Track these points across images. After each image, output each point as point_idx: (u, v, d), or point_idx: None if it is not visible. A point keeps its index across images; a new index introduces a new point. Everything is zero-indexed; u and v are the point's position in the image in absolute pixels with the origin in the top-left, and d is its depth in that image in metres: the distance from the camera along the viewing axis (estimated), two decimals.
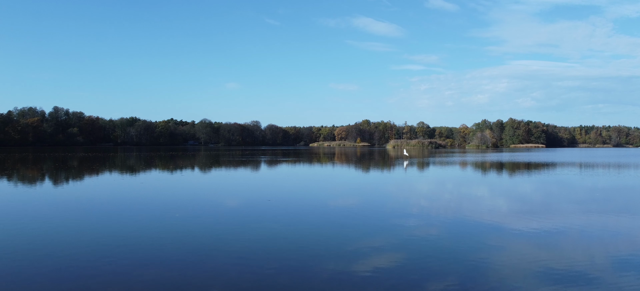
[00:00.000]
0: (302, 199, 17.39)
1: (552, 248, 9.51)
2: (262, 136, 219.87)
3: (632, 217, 13.47)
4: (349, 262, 8.29)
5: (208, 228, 11.50)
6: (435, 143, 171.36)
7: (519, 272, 7.72)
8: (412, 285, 7.09)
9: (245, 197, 17.92)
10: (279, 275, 7.59)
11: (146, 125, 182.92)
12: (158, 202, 16.30)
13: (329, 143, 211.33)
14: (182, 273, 7.64)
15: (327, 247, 9.48)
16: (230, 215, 13.56)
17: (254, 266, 8.07)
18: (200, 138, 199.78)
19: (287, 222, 12.33)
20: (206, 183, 24.88)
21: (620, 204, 16.53)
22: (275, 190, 20.55)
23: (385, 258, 8.56)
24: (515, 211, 14.74)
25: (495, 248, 9.52)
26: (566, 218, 13.16)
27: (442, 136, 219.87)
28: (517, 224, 12.19)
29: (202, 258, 8.56)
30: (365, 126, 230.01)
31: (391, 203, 16.53)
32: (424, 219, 12.93)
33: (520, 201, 17.57)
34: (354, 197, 18.13)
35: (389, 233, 10.96)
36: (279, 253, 8.97)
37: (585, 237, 10.57)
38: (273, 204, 15.70)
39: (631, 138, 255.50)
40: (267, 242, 9.89)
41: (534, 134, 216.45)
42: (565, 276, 7.46)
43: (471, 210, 14.63)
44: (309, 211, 14.38)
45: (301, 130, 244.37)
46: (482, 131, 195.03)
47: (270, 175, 30.94)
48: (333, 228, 11.54)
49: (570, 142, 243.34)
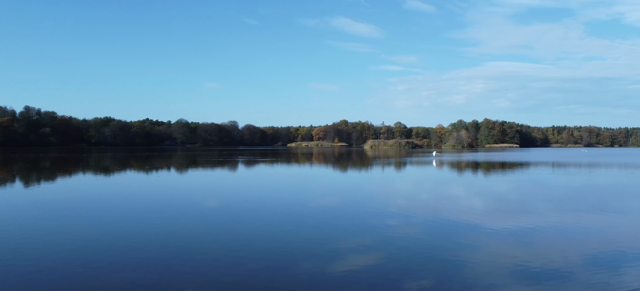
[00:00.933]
0: (279, 199, 17.30)
1: (527, 246, 9.66)
2: (240, 136, 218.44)
3: (603, 215, 13.78)
4: (327, 262, 8.26)
5: (185, 229, 11.34)
6: (412, 143, 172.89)
7: (494, 270, 7.81)
8: (390, 284, 7.10)
9: (222, 198, 17.75)
10: (257, 275, 7.52)
11: (121, 125, 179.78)
12: (134, 203, 16.01)
13: (307, 143, 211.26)
14: (159, 275, 7.50)
15: (305, 247, 9.44)
16: (207, 216, 13.39)
17: (232, 267, 7.97)
18: (177, 138, 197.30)
19: (265, 222, 12.24)
20: (183, 183, 24.58)
21: (592, 202, 16.90)
22: (252, 191, 20.41)
23: (364, 258, 8.56)
24: (491, 210, 14.94)
25: (472, 246, 9.62)
26: (540, 217, 13.39)
27: (419, 136, 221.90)
28: (493, 223, 12.35)
29: (179, 260, 8.42)
30: (343, 126, 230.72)
31: (369, 202, 16.58)
32: (401, 218, 13.00)
33: (496, 200, 17.83)
34: (331, 197, 18.12)
35: (367, 232, 10.98)
36: (257, 253, 8.89)
37: (559, 235, 10.76)
38: (250, 205, 15.58)
39: (601, 138, 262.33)
40: (244, 243, 9.80)
41: (508, 134, 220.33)
42: (540, 274, 7.57)
43: (448, 209, 14.77)
44: (287, 211, 14.31)
45: (279, 130, 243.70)
46: (458, 131, 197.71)
47: (247, 176, 30.75)
48: (311, 228, 11.50)
49: (543, 142, 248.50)
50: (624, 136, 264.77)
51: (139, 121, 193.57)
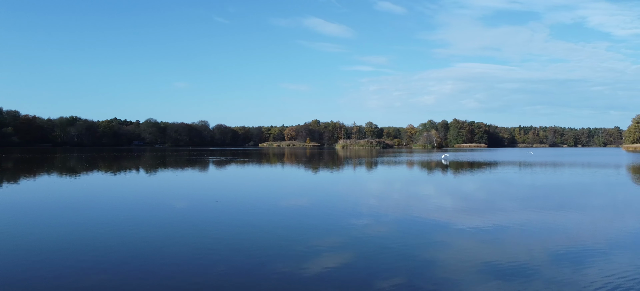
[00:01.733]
0: (251, 200, 17.21)
1: (494, 243, 9.89)
2: (211, 136, 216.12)
3: (566, 213, 14.22)
4: (298, 262, 8.28)
5: (154, 230, 11.17)
6: (383, 143, 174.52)
7: (463, 267, 7.97)
8: (362, 282, 7.17)
9: (192, 198, 17.54)
10: (229, 276, 7.48)
11: (88, 125, 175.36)
12: (102, 205, 15.68)
13: (279, 143, 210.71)
14: (128, 278, 7.38)
15: (278, 247, 9.43)
16: (177, 217, 13.22)
17: (202, 268, 7.90)
18: (146, 139, 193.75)
19: (236, 223, 12.17)
20: (152, 184, 24.18)
21: (556, 201, 17.40)
22: (223, 191, 20.24)
23: (335, 257, 8.61)
24: (460, 208, 15.22)
25: (442, 244, 9.79)
26: (507, 215, 13.73)
27: (390, 136, 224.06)
28: (462, 221, 12.60)
29: (148, 261, 8.30)
30: (315, 126, 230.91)
31: (341, 202, 16.66)
32: (373, 218, 13.12)
33: (465, 199, 18.17)
34: (303, 197, 18.14)
35: (338, 232, 11.04)
36: (229, 254, 8.84)
37: (524, 233, 11.05)
38: (221, 206, 15.45)
39: (565, 138, 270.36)
40: (215, 244, 9.72)
41: (476, 134, 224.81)
42: (507, 270, 7.77)
43: (418, 208, 14.99)
44: (259, 212, 14.26)
45: (251, 130, 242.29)
46: (428, 131, 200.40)
47: (218, 176, 30.47)
48: (283, 228, 11.49)
49: (510, 142, 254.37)
50: (586, 136, 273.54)
51: (106, 121, 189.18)
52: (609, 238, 10.44)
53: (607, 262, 8.36)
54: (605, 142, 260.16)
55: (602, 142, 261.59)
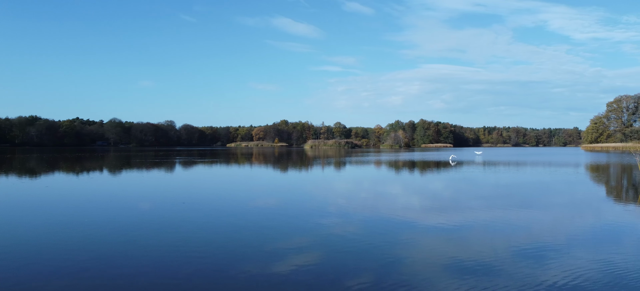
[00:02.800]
0: (218, 200, 17.02)
1: (459, 241, 10.07)
2: (177, 136, 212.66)
3: (529, 211, 14.62)
4: (267, 263, 8.23)
5: (118, 233, 10.90)
6: (352, 143, 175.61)
7: (429, 265, 8.09)
8: (329, 282, 7.18)
9: (158, 200, 17.21)
10: (195, 278, 7.36)
11: (48, 124, 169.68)
12: (63, 207, 15.21)
13: (247, 143, 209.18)
14: (91, 282, 7.17)
15: (245, 248, 9.34)
16: (142, 219, 12.94)
17: (168, 270, 7.76)
18: (110, 139, 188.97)
19: (203, 225, 12.00)
20: (116, 185, 23.59)
21: (518, 199, 17.87)
22: (190, 192, 19.94)
23: (304, 257, 8.60)
24: (427, 207, 15.45)
25: (408, 243, 9.90)
26: (472, 213, 14.01)
27: (358, 136, 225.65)
28: (428, 220, 12.78)
29: (112, 265, 8.09)
30: (283, 126, 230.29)
31: (309, 202, 16.66)
32: (341, 217, 13.16)
33: (431, 198, 18.46)
34: (271, 198, 18.06)
35: (307, 232, 11.03)
36: (195, 256, 8.71)
37: (489, 230, 11.30)
38: (188, 207, 15.22)
39: (528, 138, 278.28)
40: (181, 245, 9.56)
41: (443, 134, 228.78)
42: (471, 267, 7.92)
43: (386, 208, 15.13)
44: (226, 212, 14.11)
45: (218, 130, 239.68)
46: (395, 131, 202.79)
47: (185, 177, 30.00)
48: (250, 229, 11.41)
49: (475, 142, 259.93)
50: (547, 136, 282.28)
51: (68, 121, 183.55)
52: (569, 235, 10.78)
53: (566, 257, 8.62)
54: (565, 142, 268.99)
55: (562, 142, 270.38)
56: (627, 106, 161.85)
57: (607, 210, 15.02)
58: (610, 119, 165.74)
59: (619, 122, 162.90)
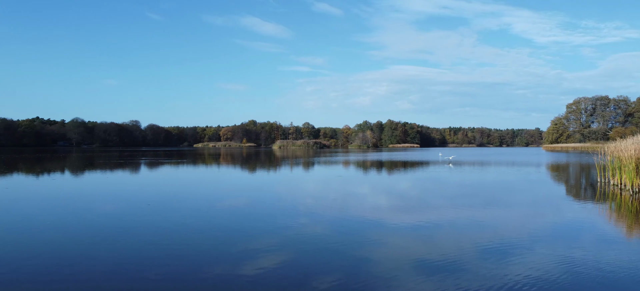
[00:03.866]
0: (185, 202, 16.76)
1: (426, 240, 10.22)
2: (143, 136, 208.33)
3: (493, 209, 14.97)
4: (235, 264, 8.15)
5: (80, 235, 10.60)
6: (320, 143, 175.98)
7: (397, 264, 8.18)
8: (298, 283, 7.17)
9: (122, 201, 16.82)
10: (161, 281, 7.22)
11: (6, 124, 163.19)
12: (23, 209, 14.68)
13: (214, 144, 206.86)
14: (50, 287, 6.94)
15: (212, 250, 9.23)
16: (106, 221, 12.61)
17: (133, 274, 7.59)
18: (72, 139, 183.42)
19: (169, 226, 11.79)
20: (78, 187, 22.92)
21: (483, 198, 18.27)
22: (155, 193, 19.57)
23: (272, 258, 8.56)
24: (395, 207, 15.62)
25: (377, 242, 9.99)
26: (439, 212, 14.25)
27: (326, 137, 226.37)
28: (396, 219, 12.92)
29: (75, 269, 7.85)
30: (251, 126, 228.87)
31: (278, 202, 16.60)
32: (310, 217, 13.17)
33: (399, 197, 18.67)
34: (239, 198, 17.91)
35: (275, 233, 10.99)
36: (161, 258, 8.55)
37: (455, 229, 11.52)
38: (154, 208, 14.93)
39: (492, 138, 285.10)
40: (147, 248, 9.37)
41: (410, 135, 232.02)
42: (438, 265, 8.05)
43: (354, 207, 15.22)
44: (193, 214, 13.91)
45: (185, 130, 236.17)
46: (363, 131, 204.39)
47: (150, 178, 29.42)
48: (218, 230, 11.28)
49: (441, 142, 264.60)
50: (510, 137, 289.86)
51: (27, 120, 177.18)
52: (531, 232, 11.09)
53: (529, 254, 8.87)
54: (527, 142, 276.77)
55: (524, 142, 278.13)
56: (586, 107, 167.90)
57: (566, 208, 15.53)
58: (570, 120, 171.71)
59: (577, 123, 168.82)
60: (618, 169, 21.91)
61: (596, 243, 10.03)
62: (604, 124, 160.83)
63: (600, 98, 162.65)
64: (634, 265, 8.14)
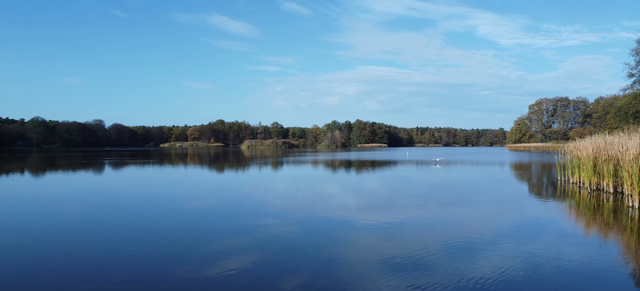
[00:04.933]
0: (150, 203, 16.43)
1: (394, 238, 10.32)
2: (107, 136, 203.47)
3: (459, 208, 15.25)
4: (201, 266, 8.03)
5: (41, 238, 10.23)
6: (289, 143, 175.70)
7: (365, 263, 8.22)
8: (266, 284, 7.12)
9: (85, 203, 16.35)
10: (126, 284, 7.04)
11: None
12: None
13: (181, 144, 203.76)
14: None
15: (179, 251, 9.07)
16: (68, 223, 12.21)
17: (97, 277, 7.38)
18: (32, 139, 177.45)
19: (135, 227, 11.53)
20: (38, 188, 22.16)
21: (450, 197, 18.59)
22: (120, 194, 19.11)
23: (240, 259, 8.48)
24: (363, 206, 15.71)
25: (345, 242, 10.02)
26: (406, 211, 14.41)
27: (295, 136, 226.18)
28: (364, 218, 13.00)
29: (35, 273, 7.57)
30: (219, 126, 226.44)
31: (246, 203, 16.47)
32: (278, 218, 13.11)
33: (367, 196, 18.80)
34: (206, 199, 17.67)
35: (244, 233, 10.89)
36: (126, 261, 8.34)
37: (422, 227, 11.67)
38: (117, 210, 14.58)
39: (457, 138, 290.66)
40: (111, 250, 9.13)
41: (378, 135, 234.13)
42: (405, 263, 8.14)
43: (323, 207, 15.24)
44: (159, 215, 13.65)
45: (151, 130, 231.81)
46: (332, 131, 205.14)
47: (114, 178, 28.71)
48: (185, 231, 11.10)
49: (408, 142, 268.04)
50: (475, 136, 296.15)
51: None
52: (495, 229, 11.35)
53: (493, 250, 9.07)
54: (491, 142, 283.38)
55: (489, 142, 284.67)
56: (547, 108, 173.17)
57: (529, 206, 15.96)
58: (532, 121, 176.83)
59: (539, 123, 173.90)
60: (577, 168, 22.67)
61: (557, 239, 10.35)
62: (564, 124, 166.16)
63: (561, 99, 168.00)
64: (592, 259, 8.44)
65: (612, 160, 18.37)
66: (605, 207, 15.37)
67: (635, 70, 55.41)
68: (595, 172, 20.37)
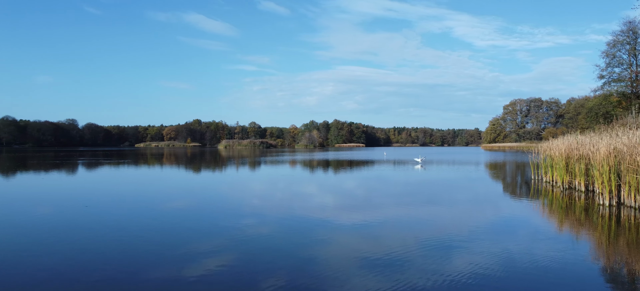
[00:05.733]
0: (125, 204, 16.16)
1: (371, 237, 10.38)
2: (80, 136, 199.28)
3: (435, 207, 15.43)
4: (178, 267, 7.93)
5: (12, 239, 9.98)
6: (266, 143, 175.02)
7: (343, 262, 8.24)
8: (244, 284, 7.07)
9: (58, 204, 15.99)
10: (101, 285, 6.91)
11: None
12: None
13: (157, 144, 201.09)
14: None
15: (156, 252, 8.94)
16: (39, 224, 11.91)
17: (69, 279, 7.22)
18: (2, 138, 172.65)
19: (109, 229, 11.32)
20: (6, 188, 21.58)
21: (426, 196, 18.78)
22: (94, 195, 18.75)
23: (218, 260, 8.40)
24: (341, 206, 15.75)
25: (323, 241, 10.03)
26: (384, 210, 14.50)
27: (273, 136, 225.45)
28: (342, 218, 13.04)
29: (6, 275, 7.37)
30: (196, 125, 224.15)
31: (223, 203, 16.35)
32: (256, 218, 13.05)
33: (345, 196, 18.86)
34: (184, 199, 17.48)
35: (220, 234, 10.80)
36: (100, 262, 8.18)
37: (399, 226, 11.76)
38: (92, 211, 14.31)
39: (434, 138, 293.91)
40: (85, 252, 8.94)
41: (355, 135, 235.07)
42: (382, 261, 8.18)
43: (301, 207, 15.22)
44: (134, 216, 13.44)
45: (126, 130, 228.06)
46: (310, 131, 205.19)
47: (88, 179, 28.15)
48: (161, 232, 10.95)
49: (386, 142, 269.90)
50: (452, 136, 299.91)
51: None
52: (471, 228, 11.51)
53: (469, 249, 9.19)
54: (467, 141, 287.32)
55: (464, 142, 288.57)
56: (521, 108, 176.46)
57: (504, 204, 16.23)
58: (506, 121, 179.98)
59: (513, 123, 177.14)
60: (550, 167, 23.16)
61: (530, 236, 10.55)
62: (537, 124, 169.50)
63: (534, 100, 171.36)
64: (564, 256, 8.63)
65: (583, 159, 18.81)
66: (577, 205, 15.73)
67: (605, 72, 56.91)
68: (568, 171, 20.84)
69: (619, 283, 7.37)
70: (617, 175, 15.27)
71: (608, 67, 56.57)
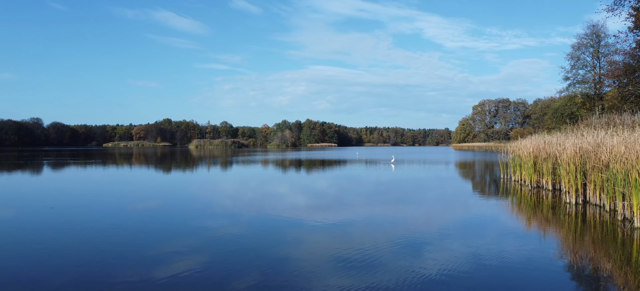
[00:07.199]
0: (92, 204, 15.75)
1: (343, 237, 10.38)
2: (45, 135, 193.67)
3: (406, 206, 15.57)
4: (147, 268, 7.76)
5: None
6: (238, 143, 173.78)
7: (315, 261, 8.22)
8: (215, 285, 6.96)
9: (21, 205, 15.48)
10: (67, 287, 6.69)
11: None
12: None
13: (126, 143, 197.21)
14: None
15: (124, 254, 8.73)
16: (1, 227, 11.51)
17: (35, 281, 6.97)
18: None
19: (76, 230, 11.01)
20: None
21: (397, 195, 18.94)
22: (60, 196, 18.23)
23: (188, 261, 8.26)
24: (313, 205, 15.73)
25: (295, 241, 9.99)
26: (355, 210, 14.55)
27: (245, 136, 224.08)
28: (314, 217, 13.01)
29: None
30: (166, 125, 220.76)
31: (194, 204, 16.11)
32: (227, 218, 12.90)
33: (317, 196, 18.85)
34: (153, 200, 17.16)
35: (191, 234, 10.63)
36: (66, 265, 7.93)
37: (370, 225, 11.81)
38: (57, 212, 13.89)
39: (405, 138, 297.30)
40: (50, 254, 8.66)
41: (328, 134, 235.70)
42: (355, 261, 8.19)
43: (273, 207, 15.14)
44: (102, 217, 13.11)
45: (93, 129, 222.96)
46: (282, 131, 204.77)
47: (54, 179, 27.37)
48: (130, 233, 10.71)
49: (358, 141, 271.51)
50: (422, 136, 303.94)
51: None
52: (441, 227, 11.65)
53: (439, 247, 9.29)
54: (437, 141, 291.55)
55: (435, 141, 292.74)
56: (489, 109, 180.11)
57: (473, 203, 16.50)
58: (476, 121, 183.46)
59: (482, 123, 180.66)
60: (519, 166, 23.67)
61: (499, 235, 10.74)
62: (505, 124, 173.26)
63: (502, 101, 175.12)
64: (532, 254, 8.81)
65: (550, 159, 19.29)
66: (544, 203, 16.11)
67: (570, 73, 58.51)
68: (536, 170, 21.34)
69: (584, 279, 7.57)
70: (583, 174, 15.70)
71: (573, 69, 58.20)
